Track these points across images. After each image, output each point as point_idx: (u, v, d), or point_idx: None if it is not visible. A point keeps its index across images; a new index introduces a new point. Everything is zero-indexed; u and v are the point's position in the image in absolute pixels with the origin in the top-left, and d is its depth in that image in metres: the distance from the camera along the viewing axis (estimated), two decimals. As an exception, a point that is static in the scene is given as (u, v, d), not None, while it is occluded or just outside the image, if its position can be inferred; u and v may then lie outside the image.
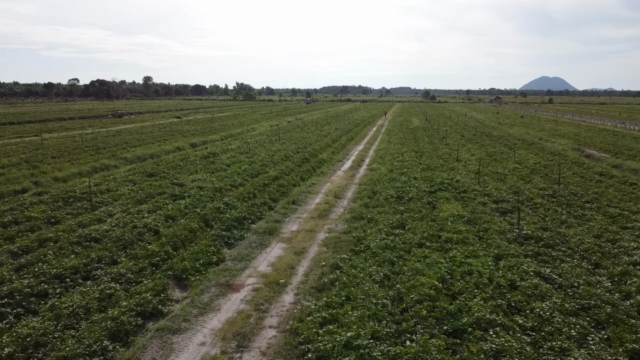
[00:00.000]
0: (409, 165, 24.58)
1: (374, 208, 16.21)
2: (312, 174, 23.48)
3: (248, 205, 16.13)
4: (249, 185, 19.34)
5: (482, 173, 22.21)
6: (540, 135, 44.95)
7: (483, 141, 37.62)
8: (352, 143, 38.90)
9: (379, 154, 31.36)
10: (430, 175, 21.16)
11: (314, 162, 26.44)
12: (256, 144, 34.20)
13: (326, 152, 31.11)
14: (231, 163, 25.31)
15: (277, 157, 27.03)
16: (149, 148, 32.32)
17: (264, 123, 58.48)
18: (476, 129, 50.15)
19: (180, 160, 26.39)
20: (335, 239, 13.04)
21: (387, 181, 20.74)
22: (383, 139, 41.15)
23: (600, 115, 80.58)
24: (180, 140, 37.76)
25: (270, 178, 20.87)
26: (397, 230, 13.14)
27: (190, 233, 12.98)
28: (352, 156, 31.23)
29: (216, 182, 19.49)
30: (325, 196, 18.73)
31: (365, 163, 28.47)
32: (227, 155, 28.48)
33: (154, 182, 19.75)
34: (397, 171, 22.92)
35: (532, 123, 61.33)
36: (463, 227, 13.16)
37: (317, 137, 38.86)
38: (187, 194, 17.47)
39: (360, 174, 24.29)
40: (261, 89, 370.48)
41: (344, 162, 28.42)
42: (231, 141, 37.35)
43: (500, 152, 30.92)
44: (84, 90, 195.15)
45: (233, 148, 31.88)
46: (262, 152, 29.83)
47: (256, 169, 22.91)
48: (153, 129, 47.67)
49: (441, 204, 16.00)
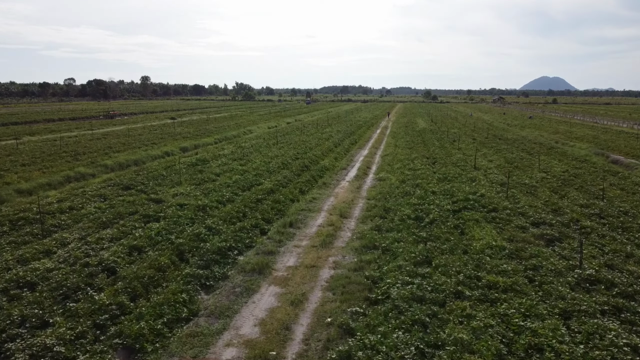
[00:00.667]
0: (422, 175, 21.70)
1: (388, 232, 13.34)
2: (313, 186, 20.60)
3: (236, 230, 13.25)
4: (239, 201, 16.46)
5: (508, 184, 19.35)
6: (556, 138, 42.08)
7: (498, 145, 34.74)
8: (356, 147, 36.02)
9: (386, 160, 28.48)
10: (449, 188, 18.28)
11: (314, 171, 23.57)
12: (251, 149, 31.33)
13: (328, 159, 28.24)
14: (222, 172, 22.44)
15: (273, 165, 24.16)
16: (134, 153, 29.46)
17: (261, 125, 55.62)
18: (487, 131, 47.27)
19: (165, 168, 23.52)
20: (344, 280, 10.17)
21: (400, 195, 17.85)
22: (389, 143, 38.27)
23: (610, 116, 77.74)
24: (170, 144, 34.89)
25: (264, 191, 18.00)
26: (423, 269, 10.26)
27: (158, 272, 10.11)
28: (356, 163, 28.35)
29: (201, 198, 16.62)
30: (329, 215, 15.85)
31: (372, 171, 25.59)
32: (218, 162, 25.60)
33: (128, 197, 16.87)
34: (410, 182, 20.05)
35: (543, 125, 58.46)
36: (507, 265, 10.28)
37: (318, 141, 35.99)
38: (164, 213, 14.59)
39: (367, 185, 21.43)
40: (261, 89, 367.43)
41: (348, 170, 25.54)
42: (225, 145, 34.48)
43: (520, 159, 28.05)
44: (80, 90, 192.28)
45: (226, 154, 29.00)
46: (257, 158, 26.95)
47: (249, 180, 20.04)
48: (143, 131, 44.79)
49: (471, 228, 13.12)
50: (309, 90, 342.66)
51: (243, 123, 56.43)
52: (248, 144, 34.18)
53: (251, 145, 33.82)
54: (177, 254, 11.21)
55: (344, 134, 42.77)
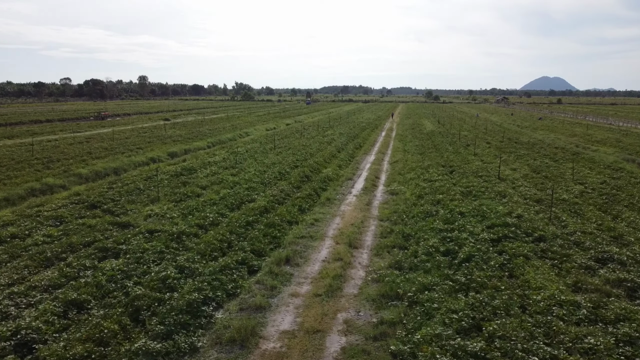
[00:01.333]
0: (441, 188, 18.69)
1: (412, 272, 10.34)
2: (314, 202, 17.56)
3: (216, 269, 10.24)
4: (224, 225, 13.44)
5: (546, 201, 16.34)
6: (575, 141, 39.07)
7: (516, 150, 31.73)
8: (361, 152, 32.98)
9: (396, 169, 25.45)
10: (478, 207, 15.25)
11: (316, 182, 20.54)
12: (246, 155, 28.31)
13: (331, 166, 25.21)
14: (209, 184, 19.42)
15: (269, 175, 21.15)
16: (115, 160, 26.43)
17: (259, 126, 52.60)
18: (499, 133, 44.25)
19: (145, 179, 20.51)
20: (361, 358, 7.16)
21: (420, 216, 14.83)
22: (397, 147, 35.24)
23: (622, 117, 74.73)
24: (158, 148, 31.88)
25: (257, 211, 14.98)
26: (472, 342, 7.23)
27: (98, 347, 7.10)
28: (363, 171, 25.31)
29: (178, 221, 13.61)
30: (335, 244, 12.83)
31: (382, 181, 22.57)
32: (207, 171, 22.57)
33: (89, 220, 13.83)
34: (429, 198, 17.04)
35: (556, 126, 55.44)
36: (593, 338, 7.27)
37: (319, 145, 32.98)
38: (127, 245, 11.56)
39: (378, 200, 18.40)
40: (260, 89, 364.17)
41: (354, 181, 22.50)
42: (217, 150, 31.45)
43: (546, 166, 25.03)
44: (77, 90, 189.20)
45: (217, 160, 25.98)
46: (251, 166, 23.93)
47: (240, 195, 17.02)
48: (132, 133, 41.77)
49: (521, 269, 10.10)
50: (309, 90, 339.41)
51: (240, 125, 53.41)
52: (243, 149, 31.16)
53: (246, 150, 30.80)
54: (130, 312, 8.20)
55: (347, 137, 39.75)
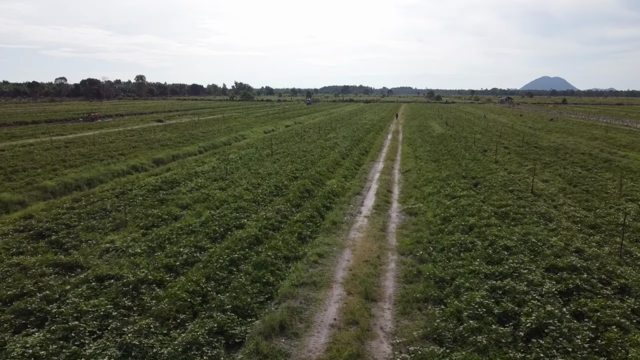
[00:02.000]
0: (469, 207, 15.54)
1: (458, 350, 7.20)
2: (318, 226, 14.39)
3: (181, 346, 7.10)
4: (201, 266, 10.30)
5: (604, 227, 13.20)
6: (599, 145, 35.89)
7: (539, 156, 28.58)
8: (368, 159, 29.80)
9: (410, 180, 22.29)
10: (524, 237, 12.09)
11: (320, 198, 17.39)
12: (239, 163, 25.16)
13: (336, 177, 22.07)
14: (191, 203, 16.28)
15: (264, 190, 18.02)
16: (91, 169, 23.30)
17: (257, 128, 49.44)
18: (515, 137, 41.10)
19: (117, 195, 17.37)
20: None
21: (454, 251, 11.67)
22: (406, 153, 32.07)
23: (634, 118, 71.58)
24: (143, 154, 28.75)
25: (245, 242, 11.85)
26: None
27: None
28: (372, 182, 22.14)
29: (141, 260, 10.47)
30: (346, 295, 9.68)
31: (395, 196, 19.41)
32: (192, 184, 19.42)
33: (27, 259, 10.67)
34: (458, 222, 13.89)
35: (572, 128, 52.25)
36: None
37: (321, 151, 29.83)
38: (61, 304, 8.41)
39: (394, 223, 15.24)
40: (260, 89, 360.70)
41: (363, 196, 19.33)
42: (208, 157, 28.29)
43: (580, 177, 21.87)
44: (74, 90, 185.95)
45: (205, 170, 22.83)
46: (244, 177, 20.80)
47: (226, 219, 13.88)
48: (118, 137, 38.63)
49: (618, 348, 6.96)
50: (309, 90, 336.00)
51: (236, 127, 50.24)
52: (236, 155, 28.01)
53: (240, 157, 27.65)
54: None
55: (351, 140, 36.60)
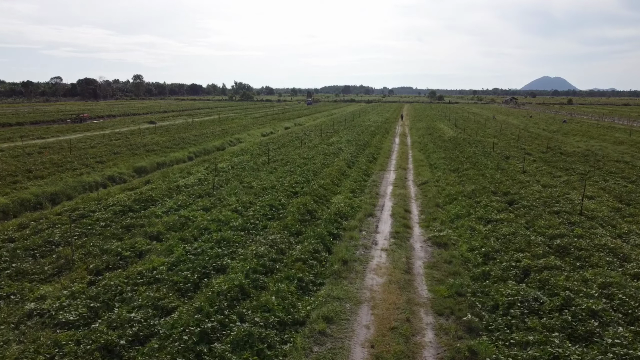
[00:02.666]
0: (512, 235, 12.31)
1: None
2: (324, 267, 11.13)
3: None
4: (153, 348, 7.06)
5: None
6: (629, 151, 32.63)
7: (571, 165, 25.35)
8: (377, 167, 26.51)
9: (429, 195, 19.01)
10: (604, 287, 8.85)
11: (324, 223, 14.13)
12: (230, 174, 21.94)
13: (343, 192, 18.83)
14: (164, 230, 13.05)
15: (256, 211, 14.78)
16: (58, 181, 20.07)
17: (254, 131, 46.19)
18: (534, 140, 37.85)
19: (75, 219, 14.15)
20: None
21: (515, 315, 8.41)
22: (419, 160, 28.79)
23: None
24: (124, 162, 25.53)
25: (226, 298, 8.62)
26: None
27: None
28: (385, 199, 18.85)
29: (67, 338, 7.24)
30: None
31: (415, 217, 16.12)
32: (171, 203, 16.17)
33: None
34: (504, 260, 10.67)
35: (589, 131, 49.00)
36: None
37: (324, 158, 26.60)
38: None
39: (420, 260, 11.97)
40: (260, 89, 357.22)
41: (377, 218, 16.03)
42: (196, 166, 25.02)
43: (629, 192, 18.64)
44: (70, 89, 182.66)
45: (190, 183, 19.60)
46: (234, 193, 17.57)
47: (204, 259, 10.65)
48: (102, 140, 35.40)
49: None
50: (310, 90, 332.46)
51: (232, 129, 46.99)
52: (228, 164, 24.77)
53: (232, 165, 24.42)
54: None
55: (356, 145, 33.36)
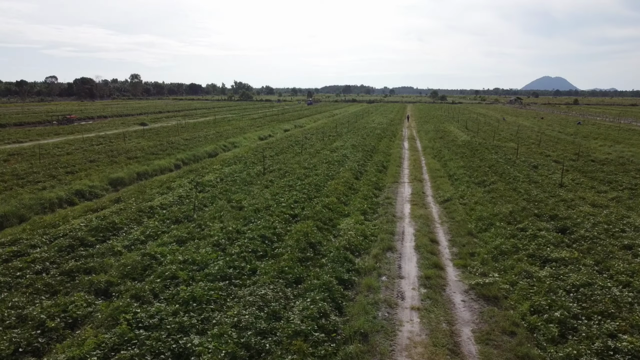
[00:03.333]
0: (585, 287, 9.05)
1: None
2: (334, 345, 7.81)
3: None
4: None
5: None
6: (665, 158, 29.30)
7: (607, 175, 22.05)
8: (389, 179, 23.12)
9: (458, 218, 15.61)
10: None
11: (331, 263, 10.81)
12: (217, 189, 18.62)
13: (352, 213, 15.51)
14: (117, 280, 9.73)
15: (244, 245, 11.46)
16: (11, 199, 16.77)
17: (251, 134, 42.88)
18: (556, 145, 34.53)
19: (7, 259, 10.84)
20: None
21: None
22: (435, 169, 25.41)
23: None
24: (98, 173, 22.27)
25: None
26: None
27: None
28: (404, 222, 15.47)
29: None
30: None
31: (446, 253, 12.77)
32: (138, 232, 12.85)
33: None
34: (592, 334, 7.39)
35: (610, 134, 45.69)
36: None
37: (327, 167, 23.30)
38: None
39: (467, 326, 8.64)
40: (260, 89, 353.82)
41: (398, 253, 12.68)
42: (180, 178, 21.66)
43: (701, 214, 15.32)
44: (66, 89, 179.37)
45: (167, 203, 16.27)
46: (219, 217, 14.26)
47: (161, 336, 7.33)
48: (82, 145, 32.13)
49: None
50: (310, 89, 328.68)
51: (227, 132, 43.68)
52: (217, 176, 21.46)
53: (221, 177, 21.10)
54: None
55: (362, 151, 30.06)
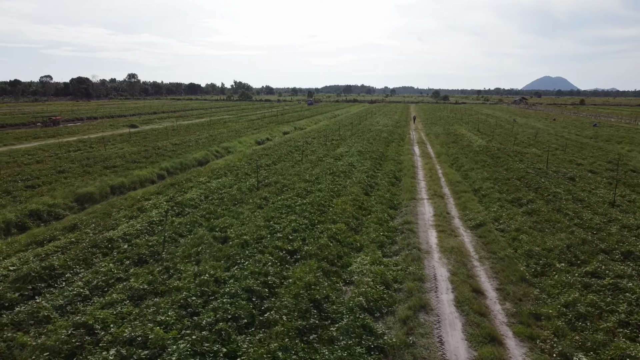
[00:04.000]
0: None
1: None
2: None
3: None
4: None
5: None
6: None
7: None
8: (405, 195, 19.62)
9: (503, 257, 12.20)
10: None
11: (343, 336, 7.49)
12: (200, 211, 15.25)
13: (367, 250, 12.16)
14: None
15: (220, 310, 8.10)
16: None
17: (247, 137, 39.51)
18: (583, 151, 31.18)
19: None
20: None
21: None
22: (455, 182, 22.00)
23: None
24: (65, 187, 19.00)
25: None
26: None
27: None
28: (433, 261, 12.10)
29: None
30: None
31: (500, 315, 9.32)
32: (79, 283, 9.48)
33: None
34: None
35: (634, 137, 42.38)
36: None
37: (332, 179, 19.97)
38: None
39: None
40: (260, 88, 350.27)
41: (434, 315, 9.20)
42: (157, 194, 18.26)
43: None
44: (63, 89, 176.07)
45: (134, 231, 12.90)
46: (195, 254, 10.93)
47: None
48: (57, 151, 28.82)
49: None
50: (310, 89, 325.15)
51: (221, 135, 40.31)
52: (201, 192, 18.09)
53: (206, 194, 17.75)
54: None
55: (370, 159, 26.71)
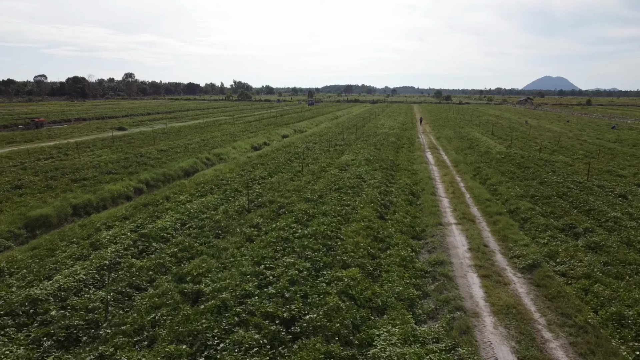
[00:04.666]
0: None
1: None
2: None
3: None
4: None
5: None
6: None
7: None
8: (427, 218, 16.17)
9: (578, 322, 8.65)
10: None
11: None
12: (172, 247, 11.83)
13: (394, 312, 8.73)
14: None
15: None
16: None
17: (243, 142, 36.07)
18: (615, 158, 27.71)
19: None
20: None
21: None
22: (485, 201, 18.52)
23: None
24: (15, 209, 15.68)
25: None
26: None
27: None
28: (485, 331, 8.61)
29: None
30: None
31: None
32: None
33: None
34: None
35: (664, 142, 38.83)
36: None
37: (339, 199, 16.55)
38: None
39: None
40: (260, 88, 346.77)
41: None
42: (121, 222, 14.84)
43: None
44: (58, 88, 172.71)
45: (72, 286, 9.46)
46: (146, 339, 7.50)
47: None
48: (27, 159, 25.38)
49: None
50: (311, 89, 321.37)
51: (214, 140, 36.84)
52: (176, 218, 14.62)
53: (184, 221, 14.31)
54: None
55: (380, 169, 23.28)
